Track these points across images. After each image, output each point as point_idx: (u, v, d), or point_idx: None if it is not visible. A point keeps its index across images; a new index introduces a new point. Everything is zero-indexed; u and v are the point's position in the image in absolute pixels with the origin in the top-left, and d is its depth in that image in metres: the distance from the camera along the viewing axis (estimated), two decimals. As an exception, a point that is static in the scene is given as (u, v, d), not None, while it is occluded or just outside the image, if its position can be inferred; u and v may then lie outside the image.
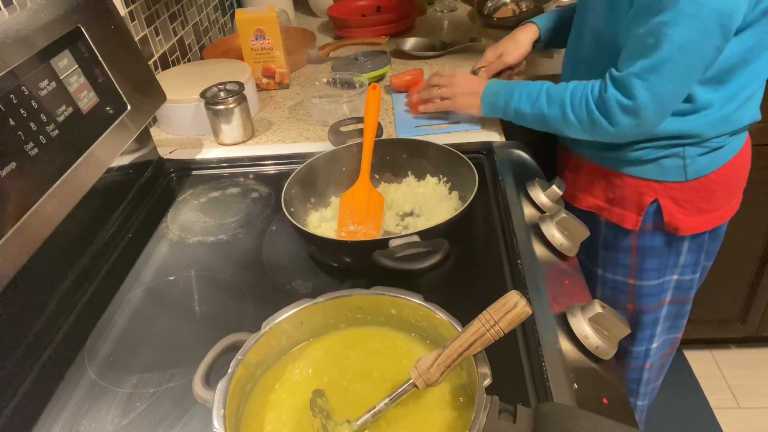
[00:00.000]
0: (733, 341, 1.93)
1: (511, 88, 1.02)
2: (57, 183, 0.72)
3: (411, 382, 0.54)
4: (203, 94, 1.12)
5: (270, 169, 1.10)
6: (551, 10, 1.23)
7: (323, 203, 0.95)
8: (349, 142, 0.97)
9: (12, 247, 0.63)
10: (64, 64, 0.79)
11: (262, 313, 0.60)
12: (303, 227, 0.83)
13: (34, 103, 0.72)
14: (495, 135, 1.11)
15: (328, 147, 0.98)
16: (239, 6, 1.85)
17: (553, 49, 1.29)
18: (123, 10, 1.15)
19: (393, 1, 1.75)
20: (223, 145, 1.17)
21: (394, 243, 0.75)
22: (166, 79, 1.23)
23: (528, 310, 0.51)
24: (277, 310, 0.61)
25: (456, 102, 1.11)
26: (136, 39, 1.20)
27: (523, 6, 1.70)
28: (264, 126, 1.24)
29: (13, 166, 0.66)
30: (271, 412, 0.57)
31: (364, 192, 0.90)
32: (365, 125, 0.94)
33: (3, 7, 0.79)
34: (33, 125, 0.71)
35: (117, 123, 0.87)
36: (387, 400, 0.54)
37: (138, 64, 0.98)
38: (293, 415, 0.57)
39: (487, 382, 0.52)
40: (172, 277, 0.86)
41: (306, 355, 0.63)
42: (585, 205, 1.10)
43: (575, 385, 0.61)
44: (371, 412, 0.54)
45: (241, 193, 1.04)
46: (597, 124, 0.91)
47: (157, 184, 1.07)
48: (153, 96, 1.01)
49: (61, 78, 0.78)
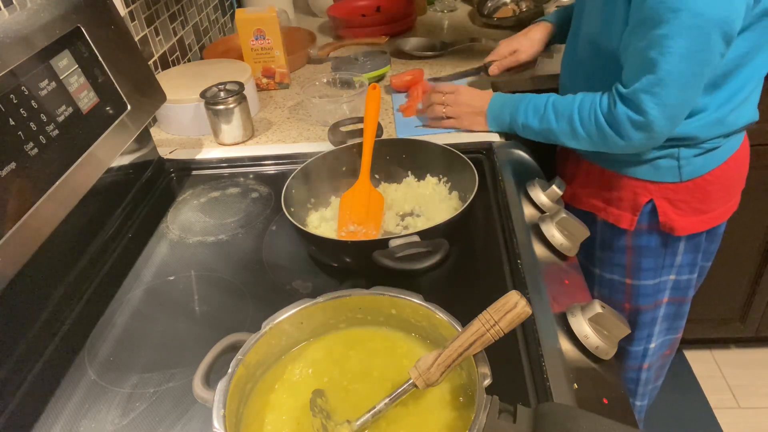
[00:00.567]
0: (733, 341, 1.93)
1: (516, 103, 1.01)
2: (57, 183, 0.72)
3: (411, 382, 0.54)
4: (203, 94, 1.12)
5: (270, 169, 1.10)
6: (562, 7, 1.22)
7: (323, 203, 0.95)
8: (349, 142, 0.97)
9: (12, 247, 0.63)
10: (64, 64, 0.79)
11: (262, 313, 0.60)
12: (303, 227, 0.83)
13: (34, 103, 0.72)
14: (495, 135, 1.11)
15: (328, 147, 0.98)
16: (239, 6, 1.85)
17: (553, 46, 1.29)
18: (123, 10, 1.15)
19: (393, 1, 1.75)
20: (223, 145, 1.17)
21: (394, 243, 0.75)
22: (166, 79, 1.23)
23: (528, 310, 0.51)
24: (277, 310, 0.61)
25: (462, 122, 1.10)
26: (136, 39, 1.20)
27: (523, 6, 1.70)
28: (264, 126, 1.24)
29: (13, 166, 0.66)
30: (271, 412, 0.57)
31: (364, 192, 0.91)
32: (365, 125, 0.94)
33: (3, 7, 0.79)
34: (33, 125, 0.71)
35: (117, 123, 0.87)
36: (387, 400, 0.54)
37: (138, 64, 0.98)
38: (293, 415, 0.57)
39: (487, 382, 0.52)
40: (172, 277, 0.86)
41: (306, 355, 0.63)
42: (582, 204, 1.10)
43: (575, 385, 0.61)
44: (371, 412, 0.54)
45: (241, 193, 1.04)
46: (608, 139, 0.91)
47: (157, 184, 1.07)
48: (153, 96, 1.01)
49: (61, 78, 0.78)
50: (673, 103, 0.84)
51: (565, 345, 0.66)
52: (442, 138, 1.06)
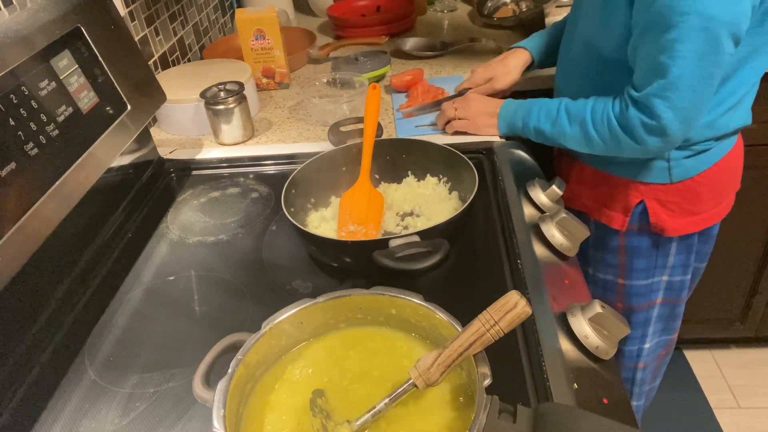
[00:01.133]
0: (733, 341, 1.93)
1: (528, 107, 1.01)
2: (57, 183, 0.72)
3: (411, 382, 0.54)
4: (203, 94, 1.12)
5: (270, 169, 1.10)
6: (542, 31, 1.21)
7: (323, 203, 0.95)
8: (349, 142, 0.97)
9: (12, 247, 0.63)
10: (64, 64, 0.79)
11: (262, 313, 0.60)
12: (303, 227, 0.83)
13: (34, 103, 0.72)
14: (495, 135, 1.11)
15: (328, 147, 0.98)
16: (239, 6, 1.85)
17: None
18: (123, 10, 1.15)
19: (393, 1, 1.75)
20: (223, 145, 1.17)
21: (394, 243, 0.75)
22: (166, 79, 1.23)
23: (528, 310, 0.51)
24: (277, 310, 0.61)
25: (474, 123, 1.08)
26: (136, 39, 1.20)
27: (523, 6, 1.70)
28: (264, 126, 1.24)
29: (13, 166, 0.66)
30: (271, 412, 0.57)
31: (364, 192, 0.90)
32: (365, 125, 0.94)
33: (3, 7, 0.79)
34: (33, 125, 0.71)
35: (117, 123, 0.87)
36: (387, 400, 0.54)
37: (138, 64, 0.98)
38: (293, 415, 0.57)
39: (487, 382, 0.52)
40: (172, 277, 0.86)
41: (306, 355, 0.63)
42: (575, 204, 1.11)
43: (575, 385, 0.61)
44: (371, 412, 0.54)
45: (241, 193, 1.04)
46: (622, 143, 0.90)
47: (157, 184, 1.07)
48: (153, 96, 1.01)
49: (61, 78, 0.78)
50: (685, 106, 0.84)
51: (565, 345, 0.66)
52: (442, 138, 1.06)
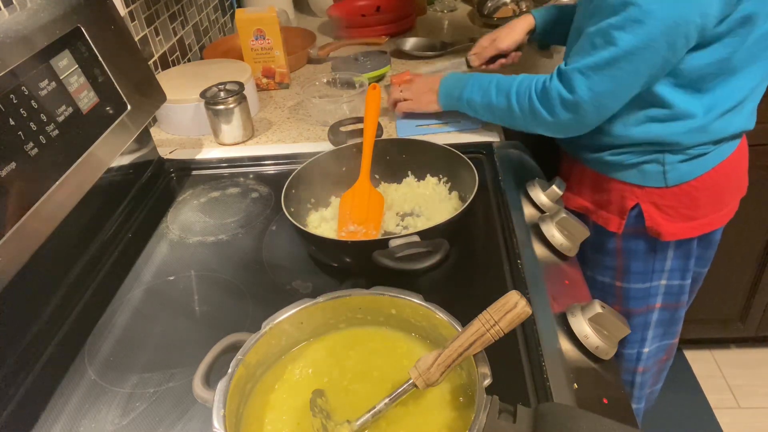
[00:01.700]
0: (733, 341, 1.93)
1: (465, 80, 1.05)
2: (57, 183, 0.72)
3: (411, 382, 0.54)
4: (203, 94, 1.12)
5: (270, 169, 1.10)
6: (552, 5, 1.23)
7: (323, 203, 0.95)
8: (349, 142, 0.97)
9: (12, 247, 0.63)
10: (64, 64, 0.79)
11: (262, 313, 0.60)
12: (303, 227, 0.83)
13: (34, 103, 0.72)
14: (495, 135, 1.11)
15: (328, 147, 0.98)
16: (239, 6, 1.85)
17: (553, 46, 1.29)
18: (123, 10, 1.15)
19: (393, 1, 1.74)
20: (223, 145, 1.17)
21: (394, 243, 0.75)
22: (166, 79, 1.23)
23: (528, 310, 0.51)
24: (277, 310, 0.61)
25: (417, 101, 1.14)
26: (136, 39, 1.20)
27: (523, 6, 1.70)
28: (264, 126, 1.24)
29: (13, 166, 0.66)
30: (271, 412, 0.57)
31: (364, 192, 0.90)
32: (365, 125, 0.94)
33: (3, 7, 0.79)
34: (33, 125, 0.71)
35: (117, 123, 0.87)
36: (387, 400, 0.54)
37: (138, 64, 0.98)
38: (293, 415, 0.57)
39: (487, 382, 0.52)
40: (172, 277, 0.86)
41: (306, 355, 0.63)
42: (574, 205, 1.11)
43: (575, 385, 0.61)
44: (371, 412, 0.54)
45: (241, 193, 1.04)
46: (537, 114, 0.93)
47: (157, 184, 1.07)
48: (153, 96, 1.01)
49: (61, 78, 0.78)
50: (602, 91, 0.86)
51: (565, 345, 0.66)
52: (442, 138, 1.06)
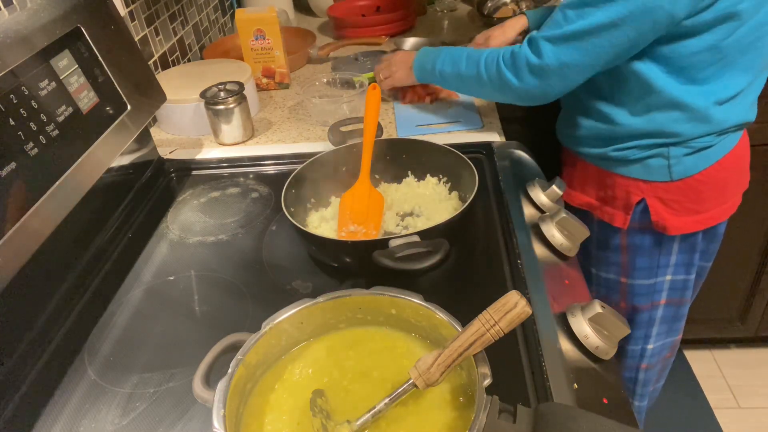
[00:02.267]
0: (733, 341, 1.93)
1: (439, 52, 1.08)
2: (57, 183, 0.72)
3: (411, 382, 0.54)
4: (203, 94, 1.12)
5: (270, 169, 1.10)
6: (547, 5, 1.24)
7: (323, 203, 0.95)
8: (349, 142, 0.97)
9: (12, 247, 0.63)
10: (64, 64, 0.79)
11: (262, 313, 0.60)
12: (303, 227, 0.83)
13: (34, 103, 0.72)
14: (495, 135, 1.11)
15: (328, 147, 0.98)
16: (239, 6, 1.85)
17: None
18: (123, 10, 1.15)
19: (393, 1, 1.75)
20: (223, 145, 1.17)
21: (394, 243, 0.75)
22: (166, 79, 1.23)
23: (528, 310, 0.51)
24: (277, 310, 0.61)
25: (395, 77, 1.18)
26: (136, 39, 1.20)
27: (523, 6, 1.70)
28: (264, 126, 1.24)
29: (13, 166, 0.66)
30: (271, 412, 0.57)
31: (364, 192, 0.90)
32: (365, 125, 0.94)
33: (3, 7, 0.79)
34: (33, 125, 0.71)
35: (117, 123, 0.87)
36: (387, 400, 0.54)
37: (138, 64, 0.98)
38: (293, 415, 0.57)
39: (487, 382, 0.52)
40: (172, 277, 0.86)
41: (306, 355, 0.63)
42: (578, 202, 1.11)
43: (575, 385, 0.61)
44: (371, 412, 0.54)
45: (241, 193, 1.04)
46: (504, 80, 0.96)
47: (157, 184, 1.07)
48: (153, 96, 1.01)
49: (61, 78, 0.78)
50: (568, 61, 0.89)
51: (565, 345, 0.66)
52: (442, 138, 1.06)
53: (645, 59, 0.90)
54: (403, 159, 0.98)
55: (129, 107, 0.91)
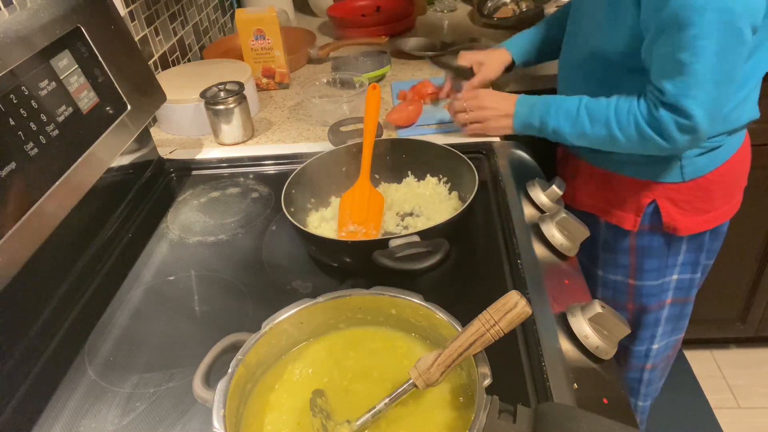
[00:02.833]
0: (733, 341, 1.93)
1: (546, 106, 0.98)
2: (57, 183, 0.72)
3: (411, 382, 0.54)
4: (203, 94, 1.12)
5: (270, 169, 1.10)
6: (525, 31, 1.21)
7: (323, 203, 0.95)
8: (349, 142, 0.97)
9: (12, 247, 0.63)
10: (64, 64, 0.79)
11: (262, 313, 0.60)
12: (303, 227, 0.83)
13: (34, 103, 0.72)
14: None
15: (328, 147, 0.98)
16: (239, 6, 1.85)
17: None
18: (123, 10, 1.15)
19: (393, 1, 1.75)
20: (223, 145, 1.17)
21: (394, 243, 0.75)
22: (166, 79, 1.23)
23: (528, 310, 0.51)
24: (277, 310, 0.61)
25: (488, 126, 1.06)
26: (136, 39, 1.20)
27: (523, 6, 1.70)
28: (264, 126, 1.24)
29: (13, 166, 0.66)
30: (271, 412, 0.57)
31: (364, 192, 0.90)
32: (365, 125, 0.94)
33: (3, 7, 0.79)
34: (33, 125, 0.71)
35: (117, 123, 0.87)
36: (387, 400, 0.54)
37: (138, 64, 0.98)
38: (293, 415, 0.57)
39: (487, 382, 0.52)
40: (172, 277, 0.86)
41: (306, 355, 0.63)
42: (584, 206, 1.10)
43: (575, 385, 0.61)
44: (371, 412, 0.54)
45: (241, 193, 1.04)
46: (649, 142, 0.89)
47: (157, 184, 1.07)
48: (153, 96, 1.01)
49: (61, 78, 0.78)
50: (711, 100, 0.84)
51: (565, 345, 0.66)
52: (442, 138, 1.06)
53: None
54: (403, 159, 0.98)
55: (129, 107, 0.91)
